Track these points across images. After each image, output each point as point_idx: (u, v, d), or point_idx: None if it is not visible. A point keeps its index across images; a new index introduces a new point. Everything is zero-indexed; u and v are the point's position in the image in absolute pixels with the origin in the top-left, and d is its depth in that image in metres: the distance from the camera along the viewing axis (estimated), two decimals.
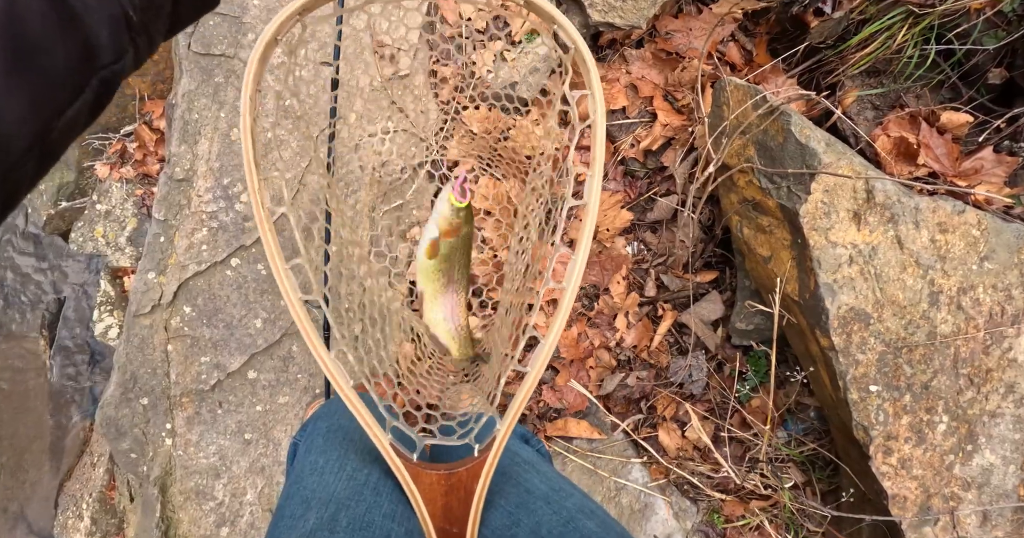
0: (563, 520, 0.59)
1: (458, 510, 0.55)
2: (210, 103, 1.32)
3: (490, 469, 0.55)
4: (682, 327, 1.55)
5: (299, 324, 0.54)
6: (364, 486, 0.61)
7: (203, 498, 1.26)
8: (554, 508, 0.61)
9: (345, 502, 0.59)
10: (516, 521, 0.60)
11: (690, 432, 1.45)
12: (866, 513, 1.22)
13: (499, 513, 0.62)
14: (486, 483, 0.55)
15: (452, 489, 0.55)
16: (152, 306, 1.26)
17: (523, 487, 0.64)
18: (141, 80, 1.78)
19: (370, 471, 0.63)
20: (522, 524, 0.60)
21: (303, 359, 1.31)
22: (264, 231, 0.56)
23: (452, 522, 0.55)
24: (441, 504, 0.55)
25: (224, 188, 1.29)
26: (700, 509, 1.44)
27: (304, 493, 0.61)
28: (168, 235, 1.28)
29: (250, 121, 0.52)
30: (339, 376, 0.53)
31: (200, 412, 1.27)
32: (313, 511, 0.58)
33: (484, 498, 0.55)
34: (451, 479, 0.54)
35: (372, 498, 0.60)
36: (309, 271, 0.56)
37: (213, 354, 1.27)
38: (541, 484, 0.65)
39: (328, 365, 0.52)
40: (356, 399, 0.53)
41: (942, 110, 1.44)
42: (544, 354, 0.54)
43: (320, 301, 0.55)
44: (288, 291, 0.55)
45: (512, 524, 0.60)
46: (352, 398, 0.53)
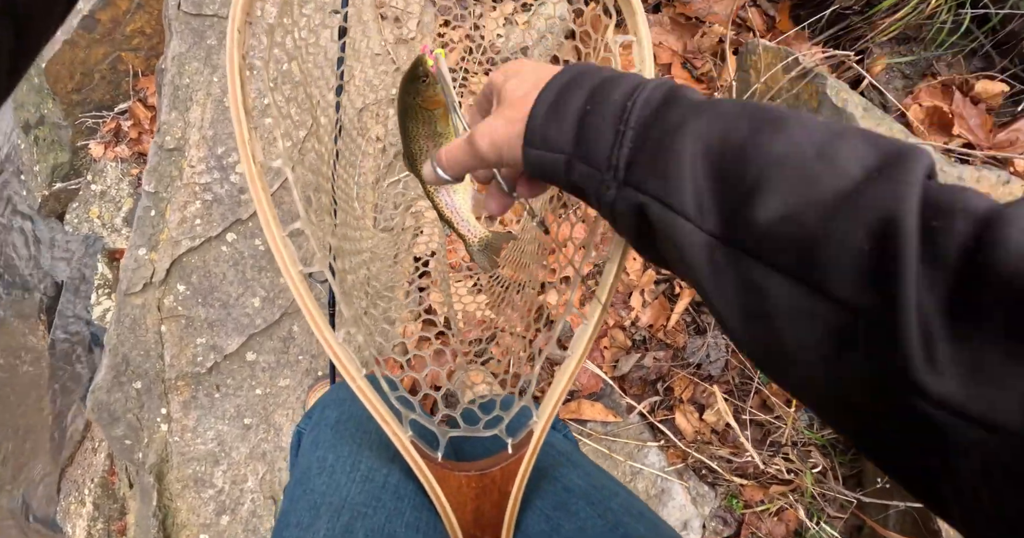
0: (609, 525, 0.52)
1: (490, 515, 0.48)
2: (202, 67, 1.23)
3: (527, 468, 0.48)
4: (700, 305, 1.48)
5: (300, 302, 0.47)
6: (383, 489, 0.53)
7: (202, 485, 1.20)
8: (598, 510, 0.54)
9: (361, 509, 0.51)
10: (556, 526, 0.53)
11: (708, 415, 1.40)
12: (892, 499, 1.17)
13: (536, 516, 0.55)
14: (523, 484, 0.48)
15: (484, 492, 0.47)
16: (144, 284, 1.19)
17: (560, 484, 0.57)
18: (135, 55, 1.69)
19: (389, 471, 0.55)
20: (563, 530, 0.52)
21: (304, 340, 1.24)
22: (256, 190, 0.48)
23: (483, 529, 0.49)
24: (471, 509, 0.48)
25: (218, 158, 1.20)
26: (718, 494, 1.39)
27: (312, 497, 0.53)
28: (159, 209, 1.20)
29: (238, 59, 0.44)
30: (349, 364, 0.46)
31: (197, 396, 1.20)
32: (323, 519, 0.50)
33: (520, 501, 0.48)
34: (483, 481, 0.47)
35: (392, 504, 0.52)
36: (311, 237, 0.48)
37: (209, 335, 1.20)
38: (580, 480, 0.57)
39: (336, 351, 0.45)
40: (370, 390, 0.46)
41: (976, 79, 1.37)
42: (588, 337, 0.47)
43: (326, 272, 0.47)
44: (287, 263, 0.48)
45: (552, 530, 0.53)
46: (365, 390, 0.46)
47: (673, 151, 0.31)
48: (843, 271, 0.25)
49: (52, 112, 1.76)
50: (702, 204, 0.30)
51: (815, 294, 0.26)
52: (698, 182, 0.30)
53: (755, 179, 0.28)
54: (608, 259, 0.47)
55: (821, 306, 0.25)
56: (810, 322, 0.26)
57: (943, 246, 0.23)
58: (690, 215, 0.30)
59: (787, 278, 0.27)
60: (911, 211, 0.24)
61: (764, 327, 0.28)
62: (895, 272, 0.23)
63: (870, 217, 0.25)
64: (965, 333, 0.22)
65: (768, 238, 0.27)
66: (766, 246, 0.27)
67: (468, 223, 0.62)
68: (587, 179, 0.35)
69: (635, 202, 0.33)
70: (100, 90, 1.73)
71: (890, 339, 0.23)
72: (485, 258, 0.63)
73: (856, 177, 0.26)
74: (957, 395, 0.22)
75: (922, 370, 0.22)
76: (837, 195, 0.26)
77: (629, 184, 0.33)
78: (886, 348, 0.23)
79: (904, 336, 0.22)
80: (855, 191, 0.26)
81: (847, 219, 0.25)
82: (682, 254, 0.31)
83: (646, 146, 0.32)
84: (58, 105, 1.72)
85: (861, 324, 0.24)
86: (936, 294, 0.23)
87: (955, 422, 0.22)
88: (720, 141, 0.30)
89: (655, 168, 0.31)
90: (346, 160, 0.82)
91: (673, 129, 0.31)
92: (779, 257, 0.27)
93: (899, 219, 0.24)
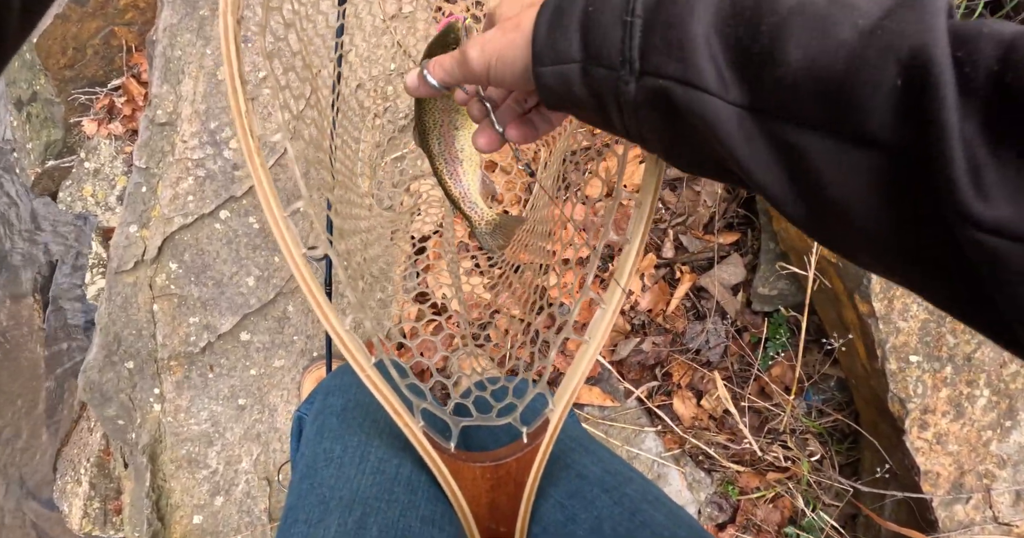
0: (627, 513, 0.50)
1: (506, 507, 0.47)
2: (195, 38, 1.19)
3: (544, 459, 0.46)
4: (700, 291, 1.46)
5: (304, 287, 0.45)
6: (395, 482, 0.51)
7: (196, 466, 1.19)
8: (614, 497, 0.52)
9: (373, 503, 0.48)
10: (572, 515, 0.51)
11: (706, 401, 1.39)
12: (889, 488, 1.17)
13: (551, 505, 0.53)
14: (539, 475, 0.46)
15: (499, 483, 0.46)
16: (135, 262, 1.16)
17: (574, 471, 0.55)
18: (128, 30, 1.65)
19: (400, 462, 0.53)
20: (579, 519, 0.51)
21: (299, 320, 1.22)
22: (255, 166, 0.46)
23: (499, 521, 0.47)
24: (486, 501, 0.46)
25: (211, 133, 1.17)
26: (714, 480, 1.39)
27: (321, 491, 0.51)
28: (151, 185, 1.17)
29: (232, 23, 0.41)
30: (358, 352, 0.43)
31: (190, 376, 1.19)
32: (334, 515, 0.48)
33: (535, 491, 0.46)
34: (498, 472, 0.45)
35: (406, 497, 0.50)
36: (315, 218, 0.46)
37: (202, 314, 1.18)
38: (594, 466, 0.55)
39: (344, 338, 0.43)
40: (379, 379, 0.44)
41: None
42: (607, 322, 0.45)
43: (332, 255, 0.45)
44: (289, 245, 0.45)
45: (567, 520, 0.51)
46: (375, 379, 0.44)
47: (685, 29, 0.30)
48: (879, 111, 0.24)
49: (44, 88, 1.72)
50: (723, 76, 0.29)
51: (852, 143, 0.25)
52: (715, 54, 0.29)
53: (771, 37, 0.27)
54: (627, 241, 0.45)
55: (861, 155, 0.25)
56: (854, 174, 0.25)
57: (972, 73, 0.22)
58: (713, 89, 0.29)
59: (821, 133, 0.26)
60: (941, 39, 0.23)
61: (808, 189, 0.27)
62: (933, 102, 0.22)
63: (898, 50, 0.24)
64: (1008, 157, 0.22)
65: (794, 94, 0.26)
66: (794, 103, 0.26)
67: (476, 205, 0.60)
68: (604, 82, 0.33)
69: (657, 90, 0.31)
70: (93, 66, 1.69)
71: (938, 173, 0.23)
72: (493, 241, 0.61)
73: (875, 14, 0.25)
74: (1011, 219, 0.21)
75: (973, 199, 0.22)
76: (860, 34, 0.25)
77: (647, 73, 0.31)
78: (935, 184, 0.23)
79: (951, 167, 0.22)
80: (878, 27, 0.25)
81: (874, 56, 0.24)
82: (714, 131, 0.29)
83: (656, 31, 0.31)
84: (50, 81, 1.67)
85: (905, 164, 0.24)
86: (974, 121, 0.22)
87: (1011, 246, 0.22)
88: (730, 7, 0.29)
89: (670, 50, 0.30)
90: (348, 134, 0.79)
91: (680, 7, 0.30)
92: (809, 112, 0.26)
93: (929, 48, 0.23)
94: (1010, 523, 1.09)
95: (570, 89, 0.35)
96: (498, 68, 0.38)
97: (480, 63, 0.38)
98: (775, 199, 0.29)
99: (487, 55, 0.38)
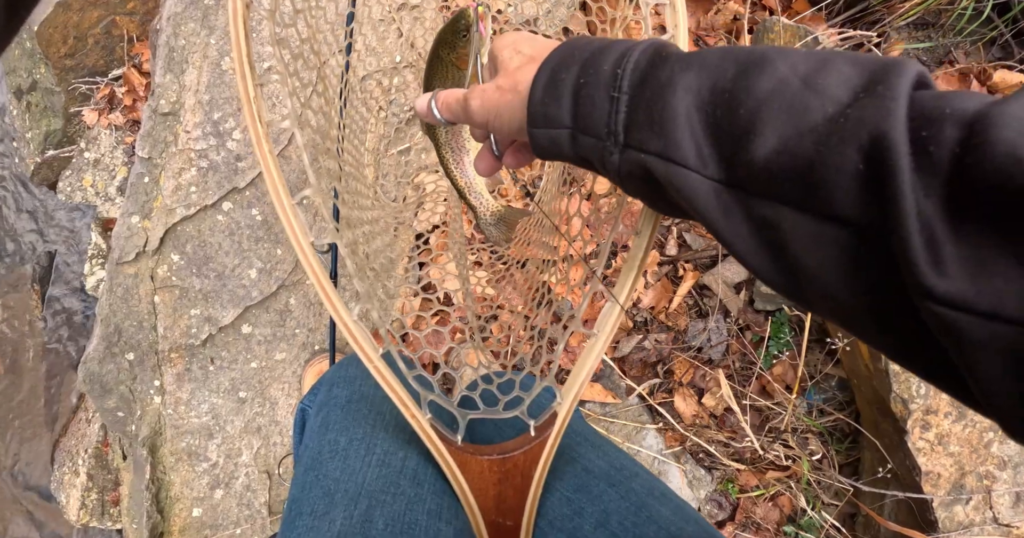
0: (634, 507, 0.50)
1: (513, 500, 0.46)
2: (198, 28, 1.18)
3: (551, 452, 0.45)
4: (703, 289, 1.46)
5: (312, 276, 0.44)
6: (400, 475, 0.50)
7: (196, 459, 1.18)
8: (620, 491, 0.52)
9: (379, 496, 0.48)
10: (578, 509, 0.51)
11: (707, 399, 1.39)
12: (889, 488, 1.17)
13: (557, 499, 0.53)
14: (546, 469, 0.46)
15: (506, 477, 0.45)
16: (136, 253, 1.16)
17: (580, 465, 0.55)
18: (130, 19, 1.64)
19: (406, 455, 0.52)
20: (586, 513, 0.50)
21: (301, 313, 1.21)
22: (263, 154, 0.45)
23: (505, 514, 0.46)
24: (493, 495, 0.46)
25: (215, 123, 1.16)
26: (714, 478, 1.39)
27: (326, 483, 0.50)
28: (153, 175, 1.16)
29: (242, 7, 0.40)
30: (365, 343, 0.43)
31: (191, 368, 1.18)
32: (339, 508, 0.48)
33: (542, 485, 0.46)
34: (505, 465, 0.45)
35: (412, 490, 0.49)
36: (323, 207, 0.45)
37: (204, 306, 1.17)
38: (599, 460, 0.55)
39: (351, 328, 0.42)
40: (387, 371, 0.44)
41: (994, 69, 1.34)
42: (615, 316, 0.44)
43: (340, 245, 0.44)
44: (297, 234, 0.45)
45: (574, 513, 0.51)
46: (384, 372, 0.43)
47: (667, 108, 0.32)
48: (844, 191, 0.26)
49: (45, 77, 1.71)
50: (702, 153, 0.31)
51: (821, 219, 0.27)
52: (695, 132, 0.31)
53: (748, 120, 0.29)
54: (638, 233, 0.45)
55: (829, 230, 0.26)
56: (823, 246, 0.27)
57: (935, 153, 0.24)
58: (692, 165, 0.31)
59: (792, 208, 0.28)
60: (898, 124, 0.24)
61: (782, 259, 0.29)
62: (890, 185, 0.24)
63: (860, 136, 0.25)
64: (965, 233, 0.23)
65: (768, 173, 0.28)
66: (767, 181, 0.28)
67: (482, 196, 0.60)
68: (591, 149, 0.36)
69: (639, 163, 0.34)
70: (94, 55, 1.68)
71: (897, 249, 0.24)
72: (498, 232, 0.61)
73: (843, 100, 0.27)
74: (965, 293, 0.22)
75: (930, 274, 0.23)
76: (827, 120, 0.27)
77: (630, 146, 0.34)
78: (895, 259, 0.24)
79: (908, 243, 0.23)
80: (842, 115, 0.26)
81: (839, 142, 0.26)
82: (692, 203, 0.31)
83: (641, 108, 0.33)
84: (51, 70, 1.66)
85: (869, 240, 0.25)
86: (933, 199, 0.23)
87: (967, 319, 0.22)
88: (710, 90, 0.31)
89: (652, 127, 0.32)
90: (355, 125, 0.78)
91: (664, 87, 0.32)
92: (781, 189, 0.28)
93: (886, 134, 0.24)
94: (1010, 524, 1.09)
95: (560, 150, 0.38)
96: (496, 123, 0.41)
97: (481, 116, 0.42)
98: (752, 268, 0.31)
99: (487, 110, 0.41)
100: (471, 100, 0.42)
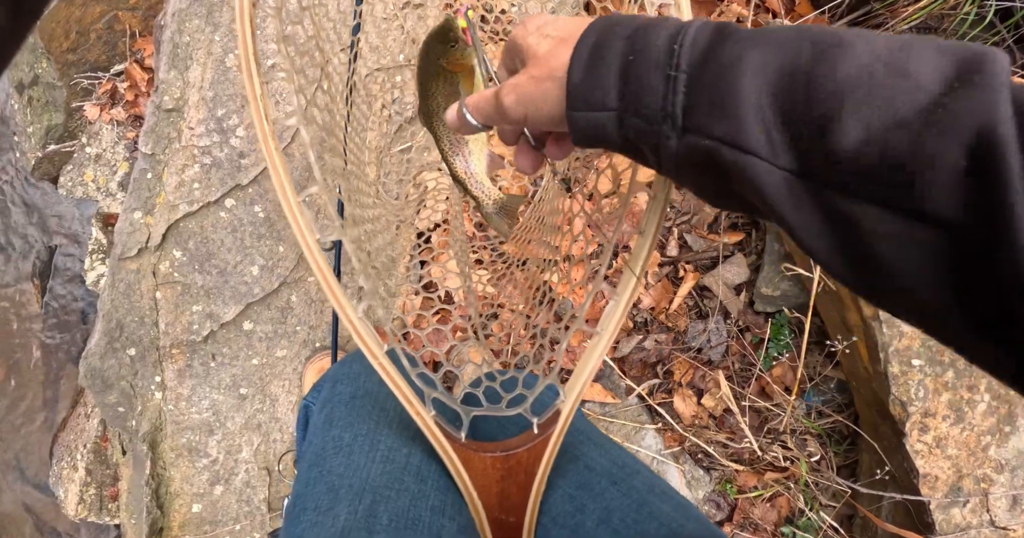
0: (635, 504, 0.50)
1: (516, 497, 0.47)
2: (203, 25, 1.18)
3: (554, 450, 0.46)
4: (703, 290, 1.46)
5: (318, 273, 0.44)
6: (404, 471, 0.50)
7: (196, 455, 1.18)
8: (622, 489, 0.52)
9: (383, 492, 0.48)
10: (580, 506, 0.51)
11: (707, 400, 1.39)
12: (887, 490, 1.17)
13: (560, 496, 0.53)
14: (549, 466, 0.46)
15: (510, 473, 0.46)
16: (139, 249, 1.16)
17: (582, 463, 0.55)
18: (132, 15, 1.64)
19: (410, 451, 0.52)
20: (588, 510, 0.51)
21: (303, 310, 1.22)
22: (269, 151, 0.45)
23: (508, 511, 0.47)
24: (496, 491, 0.46)
25: (218, 120, 1.16)
26: (713, 478, 1.39)
27: (330, 479, 0.51)
28: (156, 171, 1.17)
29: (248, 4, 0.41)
30: (370, 339, 0.43)
31: (192, 365, 1.18)
32: (343, 503, 0.48)
33: (545, 482, 0.46)
34: (508, 462, 0.45)
35: (416, 486, 0.49)
36: (328, 204, 0.46)
37: (206, 303, 1.18)
38: (601, 458, 0.56)
39: (356, 325, 0.43)
40: (391, 367, 0.44)
41: None
42: (619, 315, 0.45)
43: (345, 242, 0.45)
44: (304, 231, 0.45)
45: (576, 510, 0.51)
46: (389, 369, 0.44)
47: (734, 89, 0.29)
48: (941, 191, 0.24)
49: (47, 72, 1.70)
50: (772, 140, 0.28)
51: (911, 218, 0.25)
52: (766, 118, 0.28)
53: (827, 106, 0.27)
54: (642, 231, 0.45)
55: (920, 230, 0.24)
56: (909, 247, 0.25)
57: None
58: (762, 154, 0.28)
59: (877, 206, 0.25)
60: (1005, 119, 0.23)
61: (858, 255, 0.27)
62: (998, 186, 0.22)
63: (962, 131, 0.23)
64: None
65: (850, 167, 0.26)
66: (850, 175, 0.26)
67: (483, 185, 0.59)
68: (642, 134, 0.33)
69: (700, 149, 0.31)
70: (96, 50, 1.68)
71: (1001, 252, 0.22)
72: (501, 221, 0.61)
73: (935, 90, 0.25)
74: None
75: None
76: (920, 112, 0.25)
77: (690, 131, 0.31)
78: (996, 262, 0.23)
79: (1016, 247, 0.22)
80: (939, 105, 0.24)
81: (938, 136, 0.24)
82: (762, 195, 0.29)
83: (702, 88, 0.30)
84: (52, 65, 1.66)
85: (967, 242, 0.24)
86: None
87: None
88: (782, 72, 0.28)
89: (716, 110, 0.30)
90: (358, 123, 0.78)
91: (729, 66, 0.29)
92: (865, 185, 0.26)
93: (994, 129, 0.23)
94: (1007, 527, 1.09)
95: (604, 135, 0.35)
96: (535, 116, 0.38)
97: (517, 112, 0.38)
98: (825, 264, 0.29)
99: (523, 104, 0.38)
100: (504, 97, 0.38)
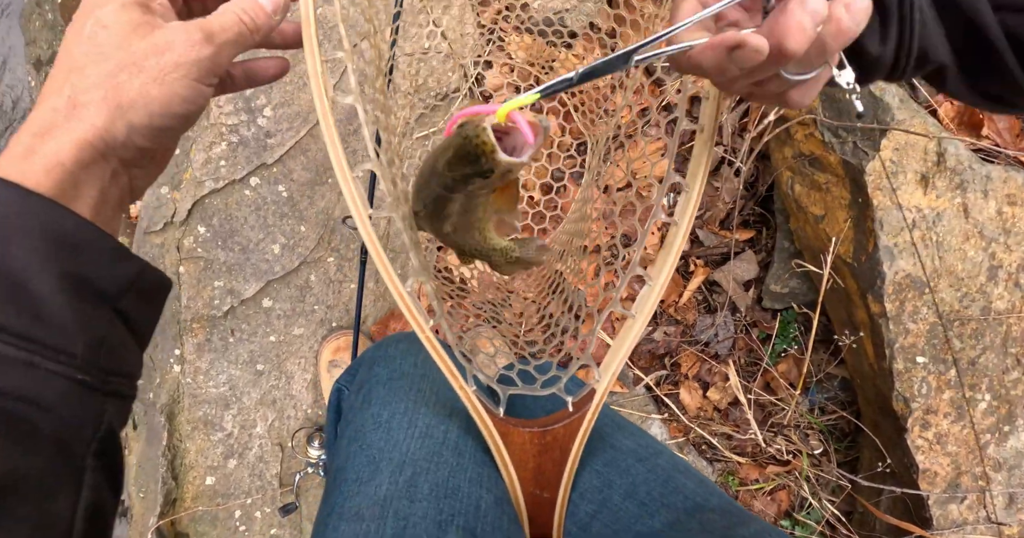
0: (660, 479, 0.53)
1: (551, 472, 0.48)
2: None
3: (589, 426, 0.48)
4: (713, 285, 1.49)
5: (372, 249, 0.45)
6: (442, 446, 0.52)
7: (211, 428, 1.21)
8: (647, 466, 0.54)
9: (423, 464, 0.50)
10: (608, 482, 0.54)
11: (712, 392, 1.42)
12: (887, 484, 1.20)
13: (588, 473, 0.55)
14: (583, 442, 0.48)
15: (546, 449, 0.48)
16: (164, 223, 1.18)
17: (608, 443, 0.58)
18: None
19: (447, 428, 0.54)
20: (615, 485, 0.53)
21: (321, 290, 1.24)
22: (328, 128, 0.47)
23: (543, 486, 0.49)
24: (532, 466, 0.48)
25: (246, 100, 1.18)
26: (715, 470, 1.42)
27: (370, 452, 0.53)
28: (184, 148, 1.18)
29: None
30: (419, 315, 0.45)
31: (211, 339, 1.20)
32: (384, 474, 0.50)
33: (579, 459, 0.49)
34: (545, 438, 0.47)
35: (454, 460, 0.51)
36: (383, 179, 0.48)
37: (227, 279, 1.20)
38: (626, 440, 0.58)
39: (407, 301, 0.44)
40: (439, 345, 0.46)
41: None
42: (654, 297, 0.47)
43: (396, 218, 0.46)
44: (359, 206, 0.47)
45: (603, 485, 0.54)
46: (436, 344, 0.45)
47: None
48: None
49: None
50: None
51: None
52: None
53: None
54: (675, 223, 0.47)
55: None
56: None
57: None
58: None
59: None
60: None
61: None
62: None
63: None
64: None
65: None
66: None
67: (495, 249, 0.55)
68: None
69: None
70: None
71: None
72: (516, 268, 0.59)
73: None
74: None
75: None
76: None
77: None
78: None
79: None
80: None
81: None
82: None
83: None
84: None
85: None
86: None
87: None
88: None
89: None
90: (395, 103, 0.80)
91: None
92: None
93: None
94: (1003, 524, 1.12)
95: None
96: None
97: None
98: None
99: None
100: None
